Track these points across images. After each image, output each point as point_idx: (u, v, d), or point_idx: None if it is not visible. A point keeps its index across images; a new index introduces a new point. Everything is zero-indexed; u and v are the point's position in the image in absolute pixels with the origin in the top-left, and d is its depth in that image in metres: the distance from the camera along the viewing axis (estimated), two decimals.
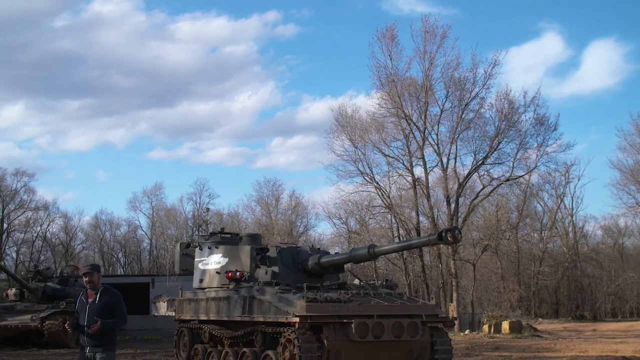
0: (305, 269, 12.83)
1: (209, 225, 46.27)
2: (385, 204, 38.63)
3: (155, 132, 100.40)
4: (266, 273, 12.51)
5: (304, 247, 13.92)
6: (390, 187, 38.82)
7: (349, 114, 39.30)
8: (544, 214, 51.56)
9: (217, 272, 13.20)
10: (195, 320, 13.61)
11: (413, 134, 36.69)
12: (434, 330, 11.42)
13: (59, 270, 28.67)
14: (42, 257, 58.96)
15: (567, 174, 48.18)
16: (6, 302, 24.92)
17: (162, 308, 38.07)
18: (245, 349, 11.78)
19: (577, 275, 51.75)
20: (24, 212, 57.49)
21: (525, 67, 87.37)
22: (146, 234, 66.64)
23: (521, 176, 37.98)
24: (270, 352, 11.03)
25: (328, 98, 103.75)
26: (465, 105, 35.69)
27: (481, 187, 37.45)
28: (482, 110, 36.47)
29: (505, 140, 35.97)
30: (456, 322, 31.50)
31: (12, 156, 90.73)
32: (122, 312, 7.88)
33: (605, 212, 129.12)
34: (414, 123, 36.37)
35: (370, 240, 35.50)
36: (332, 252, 14.99)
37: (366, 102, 49.70)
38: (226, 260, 13.20)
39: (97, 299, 7.78)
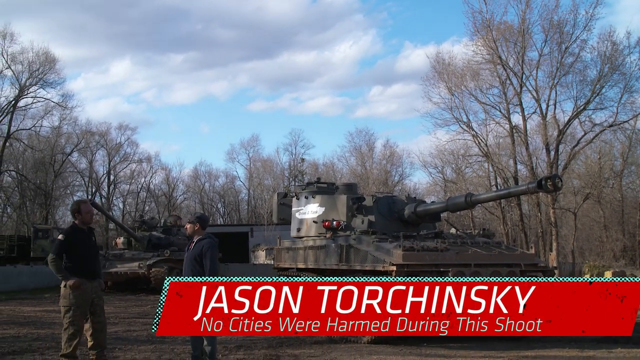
0: (401, 218, 12.81)
1: (304, 176, 46.89)
2: (482, 152, 37.90)
3: (256, 84, 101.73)
4: (362, 222, 12.57)
5: (400, 196, 13.88)
6: (487, 135, 37.97)
7: (446, 62, 38.57)
8: None
9: (314, 222, 13.35)
10: (293, 268, 13.85)
11: (510, 80, 35.61)
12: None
13: (162, 220, 29.82)
14: (146, 208, 61.65)
15: None
16: (115, 250, 26.18)
17: (261, 256, 39.07)
18: None
19: None
20: (128, 164, 60.11)
21: (639, 6, 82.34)
22: (244, 184, 68.18)
23: (626, 121, 36.20)
24: None
25: (431, 45, 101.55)
26: (565, 49, 34.23)
27: (582, 133, 36.00)
28: (583, 54, 34.92)
29: (608, 84, 34.36)
30: (556, 271, 30.83)
31: (121, 111, 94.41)
32: (207, 260, 7.84)
33: None
34: (510, 69, 35.27)
35: (466, 189, 35.04)
36: (428, 201, 14.91)
37: (461, 50, 48.34)
38: (323, 209, 13.32)
39: (193, 247, 8.11)
